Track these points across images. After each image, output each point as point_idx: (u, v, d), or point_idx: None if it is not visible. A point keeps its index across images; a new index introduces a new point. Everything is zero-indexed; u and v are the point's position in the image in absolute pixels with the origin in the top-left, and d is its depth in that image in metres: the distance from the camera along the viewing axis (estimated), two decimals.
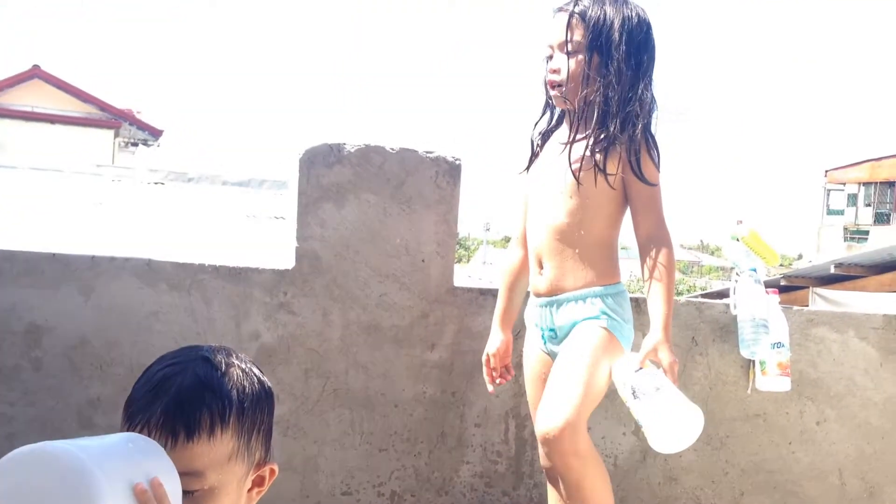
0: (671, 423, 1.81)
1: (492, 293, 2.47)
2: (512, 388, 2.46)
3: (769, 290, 2.63)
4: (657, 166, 2.03)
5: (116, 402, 2.15)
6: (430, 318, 2.41)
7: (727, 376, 2.64)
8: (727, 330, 2.64)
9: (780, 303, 2.66)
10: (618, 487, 2.55)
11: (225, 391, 1.12)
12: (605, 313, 2.01)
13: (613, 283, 2.06)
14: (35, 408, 2.11)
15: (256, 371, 1.21)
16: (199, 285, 2.23)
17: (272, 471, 1.21)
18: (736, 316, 2.60)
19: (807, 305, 7.31)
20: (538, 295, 2.11)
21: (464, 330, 2.44)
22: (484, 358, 2.23)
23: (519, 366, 2.44)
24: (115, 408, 2.16)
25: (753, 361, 2.61)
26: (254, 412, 1.15)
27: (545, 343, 2.11)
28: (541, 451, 1.93)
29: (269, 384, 1.23)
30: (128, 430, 1.10)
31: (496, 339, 2.22)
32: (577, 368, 1.92)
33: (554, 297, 2.06)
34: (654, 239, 2.01)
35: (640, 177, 1.99)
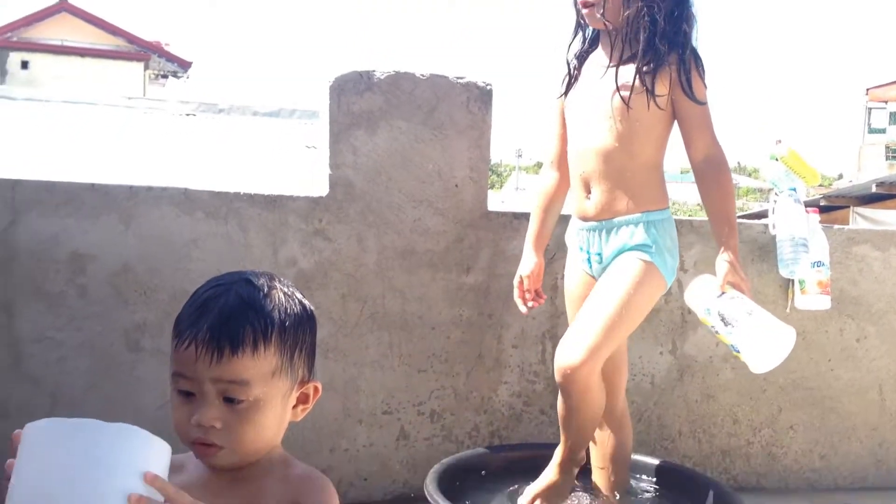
0: (769, 345, 1.81)
1: (525, 217, 2.45)
2: (548, 310, 2.47)
3: (809, 209, 2.59)
4: (705, 84, 1.98)
5: (161, 327, 2.21)
6: (465, 242, 2.42)
7: (766, 296, 2.62)
8: (766, 250, 2.62)
9: (819, 222, 2.63)
10: (655, 405, 2.58)
11: (267, 310, 1.15)
12: (651, 243, 1.97)
13: (662, 208, 2.02)
14: (83, 333, 2.17)
15: (298, 295, 1.24)
16: (236, 213, 2.25)
17: (316, 389, 1.24)
18: (775, 236, 2.57)
19: (847, 225, 7.19)
20: (584, 219, 2.07)
21: (499, 253, 2.44)
22: (516, 280, 2.22)
23: (555, 288, 2.45)
24: (160, 332, 2.22)
25: (793, 281, 2.60)
26: (295, 332, 1.19)
27: (590, 266, 2.09)
28: (555, 373, 1.95)
29: (311, 307, 1.26)
30: (176, 347, 1.13)
31: (529, 262, 2.21)
32: (609, 305, 1.92)
33: (603, 222, 2.02)
34: (711, 158, 1.97)
35: (692, 96, 1.94)
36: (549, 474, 2.05)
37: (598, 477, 2.14)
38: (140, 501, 0.92)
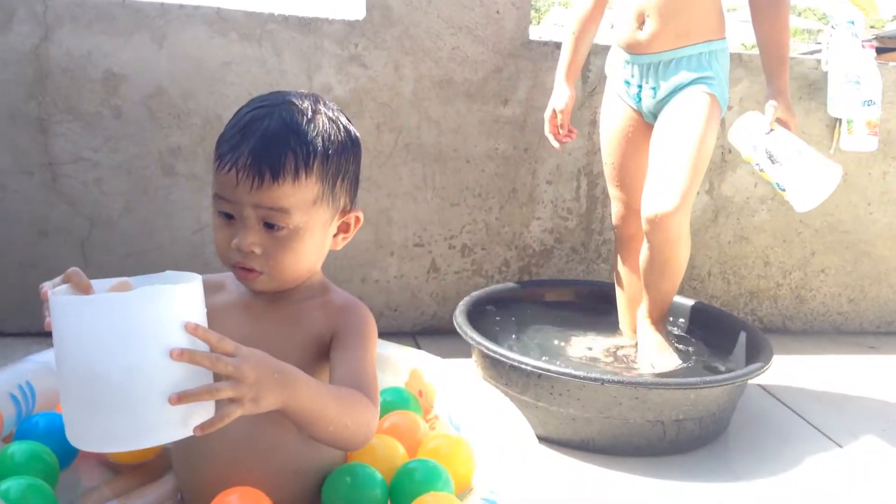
0: (816, 182, 1.78)
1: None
2: (585, 146, 2.43)
3: (865, 44, 2.47)
4: None
5: (195, 151, 2.21)
6: (504, 72, 2.35)
7: (811, 136, 2.55)
8: (816, 87, 2.52)
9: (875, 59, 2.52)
10: None
11: (310, 137, 1.12)
12: (714, 75, 1.91)
13: (722, 37, 1.94)
14: (118, 154, 2.17)
15: (343, 119, 1.20)
16: (270, 35, 2.19)
17: (357, 218, 1.23)
18: (827, 73, 2.47)
19: None
20: (636, 51, 1.96)
21: (538, 85, 2.37)
22: (548, 114, 2.11)
23: (594, 123, 2.39)
24: (193, 156, 2.22)
25: (840, 120, 2.52)
26: (339, 159, 1.15)
27: (638, 101, 2.01)
28: (644, 223, 1.91)
29: (356, 133, 1.23)
30: (217, 169, 1.11)
31: (563, 94, 2.09)
32: (687, 145, 1.86)
33: (662, 54, 1.93)
34: None
35: None
36: (650, 336, 2.04)
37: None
38: (182, 355, 0.90)
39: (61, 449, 1.23)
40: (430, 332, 2.45)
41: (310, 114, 1.14)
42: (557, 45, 2.37)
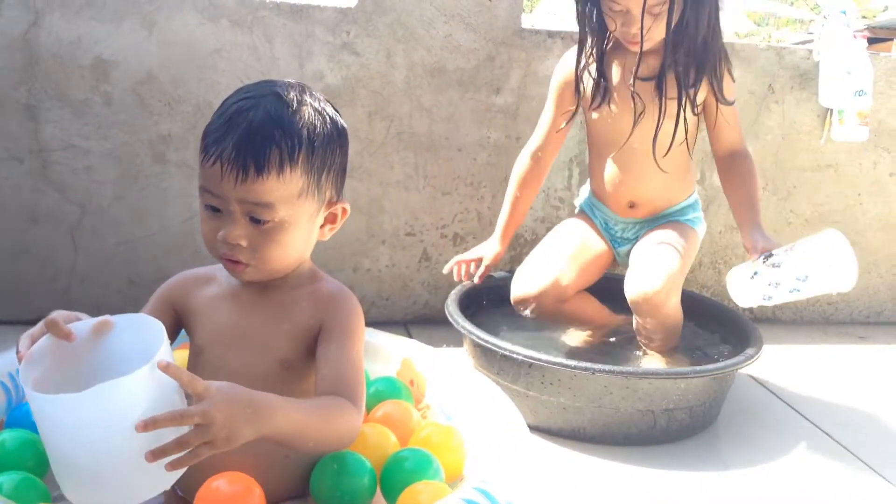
0: (840, 259, 1.71)
1: (560, 35, 2.37)
2: (577, 135, 2.43)
3: (857, 34, 2.48)
4: (733, 79, 1.98)
5: (186, 139, 2.20)
6: (496, 61, 2.34)
7: (802, 125, 2.56)
8: (807, 77, 2.53)
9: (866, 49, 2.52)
10: None
11: (295, 129, 1.12)
12: (693, 217, 2.09)
13: (694, 188, 2.12)
14: (109, 142, 2.15)
15: (330, 110, 1.20)
16: (261, 22, 2.17)
17: (344, 210, 1.23)
18: (818, 63, 2.48)
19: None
20: (622, 217, 2.10)
21: (530, 74, 2.37)
22: (467, 257, 2.17)
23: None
24: (184, 144, 2.21)
25: (831, 111, 2.52)
26: (324, 152, 1.15)
27: (616, 243, 2.14)
28: (631, 307, 1.95)
29: (343, 123, 1.22)
30: (202, 161, 1.12)
31: (493, 250, 2.16)
32: (675, 244, 1.97)
33: (646, 219, 2.08)
34: (739, 152, 2.02)
35: (724, 100, 1.94)
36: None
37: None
38: (146, 426, 0.91)
39: None
40: (421, 321, 2.45)
41: (295, 105, 1.14)
42: (550, 34, 2.37)
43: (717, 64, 1.91)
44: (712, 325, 2.20)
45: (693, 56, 1.88)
